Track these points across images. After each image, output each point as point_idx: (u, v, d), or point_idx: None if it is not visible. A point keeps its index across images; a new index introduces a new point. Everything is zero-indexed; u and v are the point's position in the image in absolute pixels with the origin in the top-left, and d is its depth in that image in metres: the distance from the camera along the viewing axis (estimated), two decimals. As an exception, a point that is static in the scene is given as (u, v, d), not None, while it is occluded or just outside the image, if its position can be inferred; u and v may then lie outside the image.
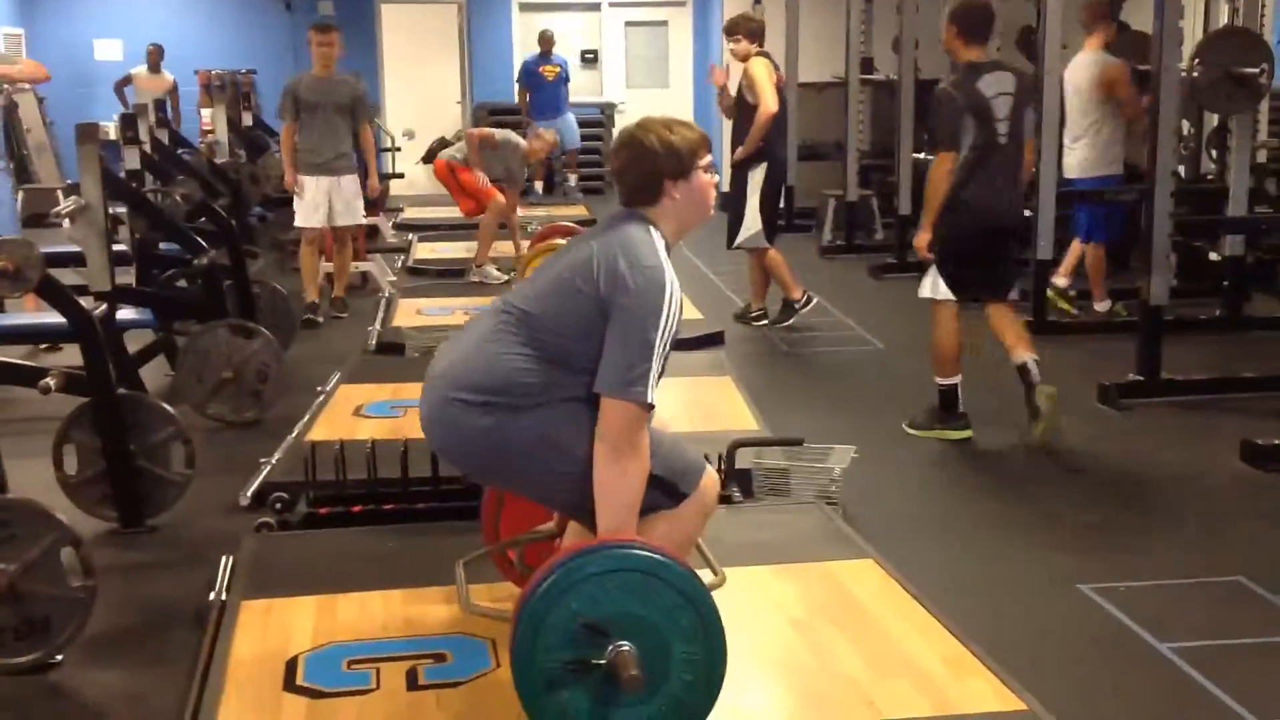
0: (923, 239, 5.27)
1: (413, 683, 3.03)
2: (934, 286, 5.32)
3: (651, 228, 2.85)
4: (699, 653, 2.56)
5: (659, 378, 2.70)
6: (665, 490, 2.82)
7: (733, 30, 7.23)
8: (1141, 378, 5.79)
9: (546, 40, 13.67)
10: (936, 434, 5.35)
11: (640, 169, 2.87)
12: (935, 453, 5.24)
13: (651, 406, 2.69)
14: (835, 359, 6.92)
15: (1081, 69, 7.18)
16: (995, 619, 3.57)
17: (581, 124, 14.69)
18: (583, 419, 2.74)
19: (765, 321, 7.45)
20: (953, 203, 5.14)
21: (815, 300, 7.45)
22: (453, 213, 10.25)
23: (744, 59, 7.13)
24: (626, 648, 2.51)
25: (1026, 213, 6.27)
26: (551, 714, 2.54)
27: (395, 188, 12.68)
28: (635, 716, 2.55)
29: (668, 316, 2.70)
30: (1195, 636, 3.46)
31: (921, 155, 10.39)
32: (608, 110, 15.20)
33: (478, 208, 8.88)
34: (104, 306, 4.40)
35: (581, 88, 15.13)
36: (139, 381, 5.40)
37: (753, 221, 7.14)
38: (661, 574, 2.56)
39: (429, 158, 9.66)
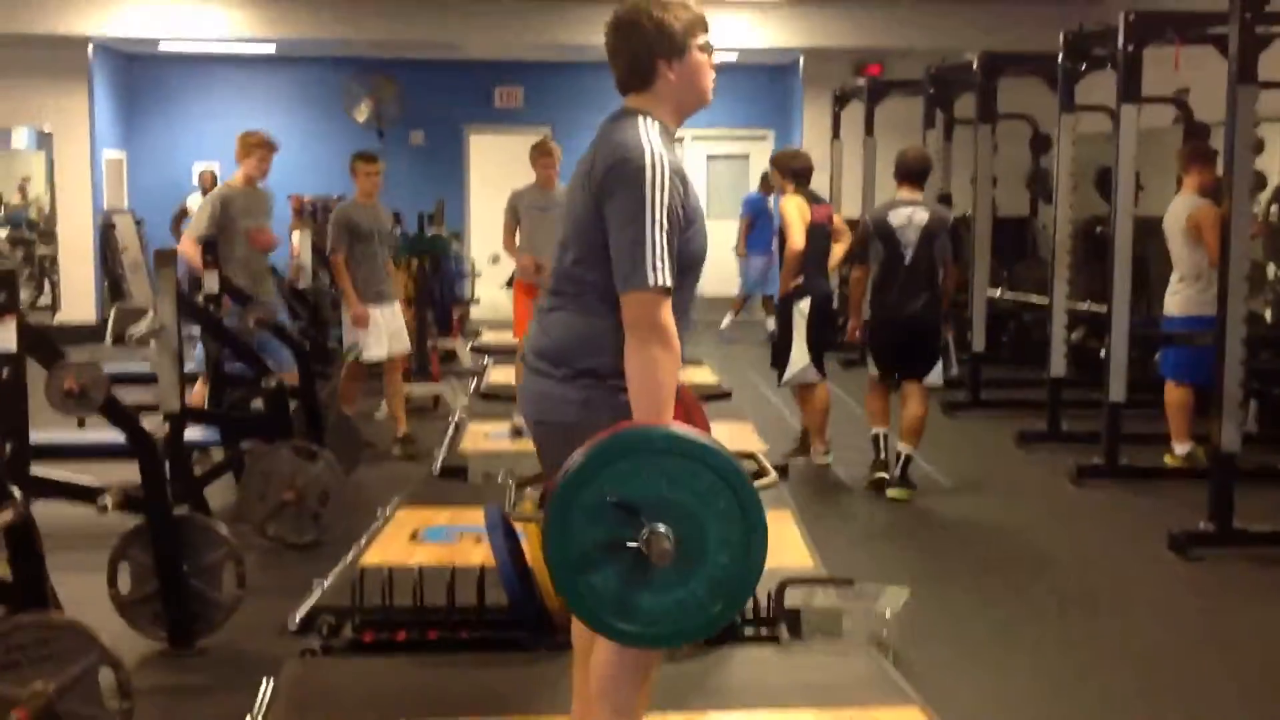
0: (851, 328, 7.15)
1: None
2: (869, 365, 7.03)
3: (644, 118, 2.71)
4: (736, 535, 2.47)
5: (665, 257, 2.55)
6: None
7: (772, 163, 7.43)
8: (1213, 527, 5.63)
9: None
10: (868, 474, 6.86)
11: (631, 49, 2.75)
12: (990, 597, 5.13)
13: (664, 289, 2.55)
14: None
15: (1176, 212, 7.10)
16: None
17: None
18: None
19: (828, 458, 7.36)
20: (871, 304, 6.80)
21: (831, 460, 7.32)
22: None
23: (781, 192, 7.22)
24: (661, 529, 2.43)
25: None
26: (586, 595, 2.47)
27: (475, 312, 12.86)
28: (672, 598, 2.47)
29: (654, 190, 2.56)
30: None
31: (998, 292, 10.39)
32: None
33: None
34: (166, 428, 4.47)
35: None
36: (203, 500, 5.48)
37: (800, 357, 7.07)
38: (696, 455, 2.46)
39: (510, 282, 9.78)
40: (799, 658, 4.06)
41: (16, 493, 3.38)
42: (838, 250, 7.26)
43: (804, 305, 7.05)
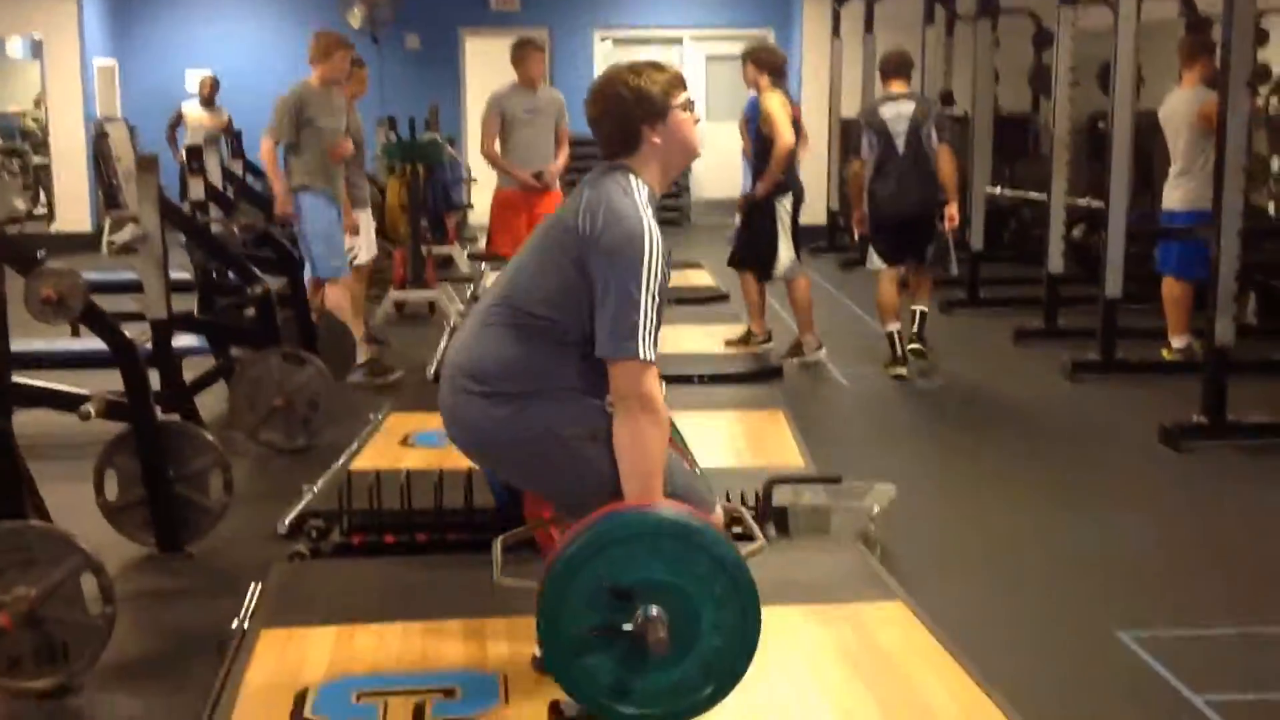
0: (856, 219, 7.31)
1: (419, 717, 2.99)
2: (871, 260, 7.31)
3: (632, 177, 2.77)
4: (730, 617, 2.53)
5: (654, 331, 2.63)
6: None
7: (750, 59, 7.10)
8: (1205, 420, 5.61)
9: None
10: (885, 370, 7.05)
11: (614, 119, 2.80)
12: (984, 491, 5.14)
13: (650, 362, 2.62)
14: (893, 393, 6.82)
15: (1180, 104, 6.97)
16: (1027, 666, 3.47)
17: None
18: (586, 417, 2.72)
19: (820, 352, 7.31)
20: (869, 197, 7.07)
21: (823, 355, 7.27)
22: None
23: (755, 89, 7.05)
24: (655, 612, 2.47)
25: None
26: (580, 679, 2.52)
27: (472, 218, 12.78)
28: (665, 680, 2.53)
29: (649, 266, 2.63)
30: (1235, 689, 3.34)
31: (998, 190, 10.30)
32: (688, 142, 15.22)
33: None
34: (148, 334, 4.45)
35: (661, 120, 15.19)
36: (193, 407, 5.46)
37: (787, 252, 7.08)
38: (690, 538, 2.52)
39: None
40: (784, 555, 4.05)
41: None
42: (802, 151, 7.26)
43: (787, 202, 7.05)
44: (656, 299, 2.63)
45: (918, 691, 3.13)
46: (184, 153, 6.73)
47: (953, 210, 7.03)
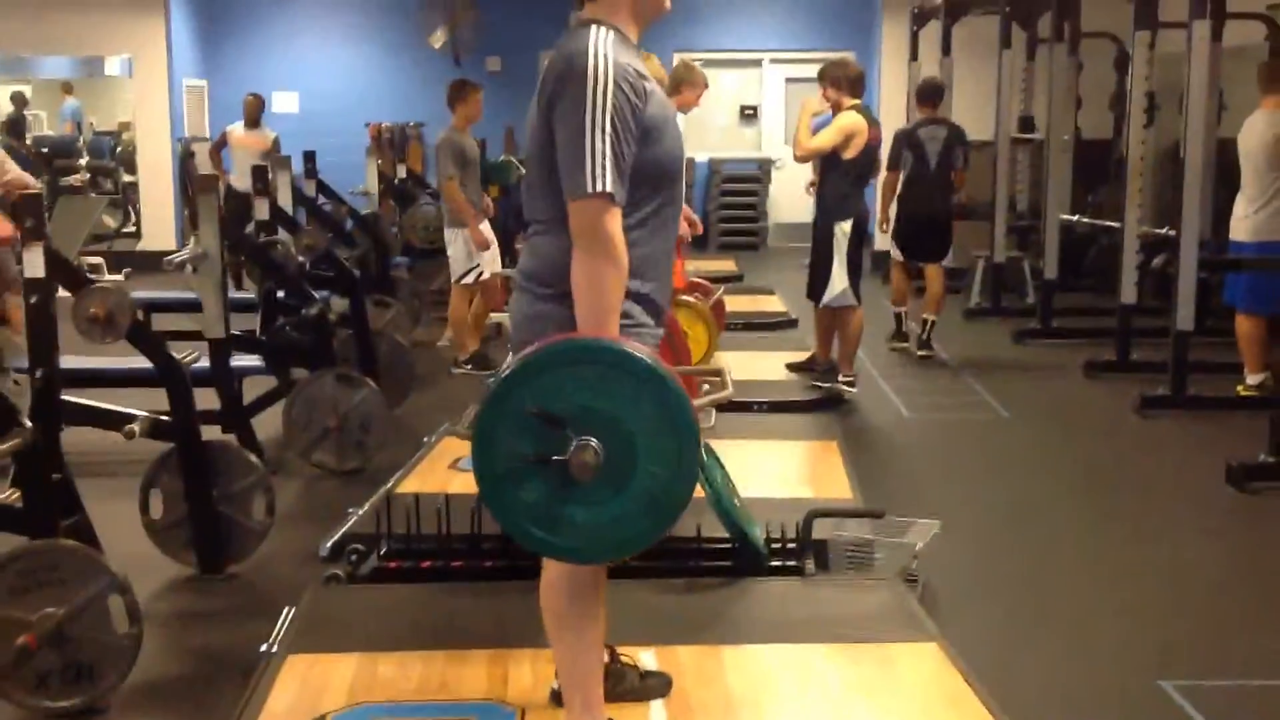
0: (880, 220, 8.82)
1: (433, 749, 2.98)
2: (892, 251, 8.74)
3: (597, 27, 2.58)
4: (666, 443, 2.38)
5: (610, 165, 2.46)
6: None
7: (820, 78, 7.06)
8: (1273, 459, 5.44)
9: None
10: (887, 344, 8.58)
11: None
12: (1038, 528, 5.02)
13: (605, 194, 2.46)
14: (956, 426, 6.70)
15: (1258, 130, 6.80)
16: (1061, 713, 3.37)
17: (739, 179, 14.76)
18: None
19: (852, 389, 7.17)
20: (899, 202, 8.45)
21: (857, 389, 7.11)
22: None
23: (835, 109, 6.98)
24: (589, 442, 2.35)
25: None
26: (513, 508, 2.40)
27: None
28: (606, 512, 2.40)
29: (597, 97, 2.45)
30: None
31: (1075, 217, 10.12)
32: (765, 166, 15.17)
33: None
34: (193, 354, 4.49)
35: (740, 142, 15.16)
36: (249, 427, 5.52)
37: (840, 279, 6.90)
38: (616, 362, 2.38)
39: None
40: (821, 590, 3.99)
41: (25, 420, 3.41)
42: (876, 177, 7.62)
43: (846, 225, 6.89)
44: (610, 130, 2.45)
45: (942, 737, 3.05)
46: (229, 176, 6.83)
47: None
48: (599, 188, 2.44)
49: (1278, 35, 8.89)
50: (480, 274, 7.81)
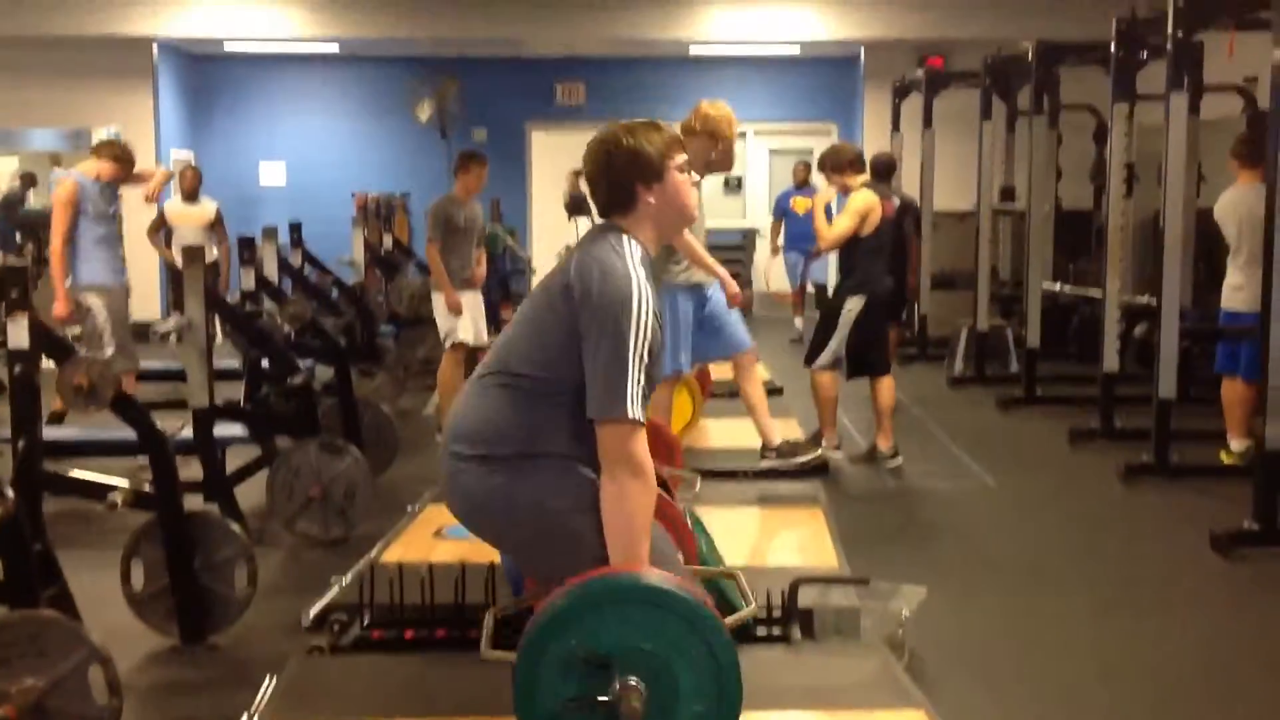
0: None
1: (415, 822, 2.94)
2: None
3: (624, 237, 2.76)
4: (708, 682, 2.45)
5: (642, 391, 2.61)
6: None
7: (820, 168, 7.20)
8: (1257, 526, 5.45)
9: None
10: None
11: (609, 178, 2.81)
12: (1024, 596, 5.01)
13: (637, 421, 2.59)
14: (940, 494, 6.70)
15: (1247, 200, 6.85)
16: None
17: (724, 249, 14.75)
18: (579, 491, 2.69)
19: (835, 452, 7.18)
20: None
21: (839, 455, 7.13)
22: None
23: (844, 191, 7.05)
24: (633, 682, 2.39)
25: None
26: None
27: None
28: None
29: (638, 326, 2.61)
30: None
31: (1058, 286, 10.20)
32: (749, 236, 15.28)
33: None
34: (182, 426, 4.49)
35: (723, 211, 15.28)
36: (232, 496, 5.50)
37: (838, 348, 6.95)
38: (665, 603, 2.44)
39: None
40: (806, 658, 3.97)
41: (7, 490, 3.39)
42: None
43: (856, 302, 6.93)
44: (646, 358, 2.60)
45: (929, 807, 3.03)
46: (177, 254, 6.91)
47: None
48: (634, 414, 2.58)
49: (1255, 108, 9.01)
50: (455, 339, 7.77)
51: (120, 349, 6.85)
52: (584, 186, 8.25)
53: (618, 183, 2.80)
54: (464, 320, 7.75)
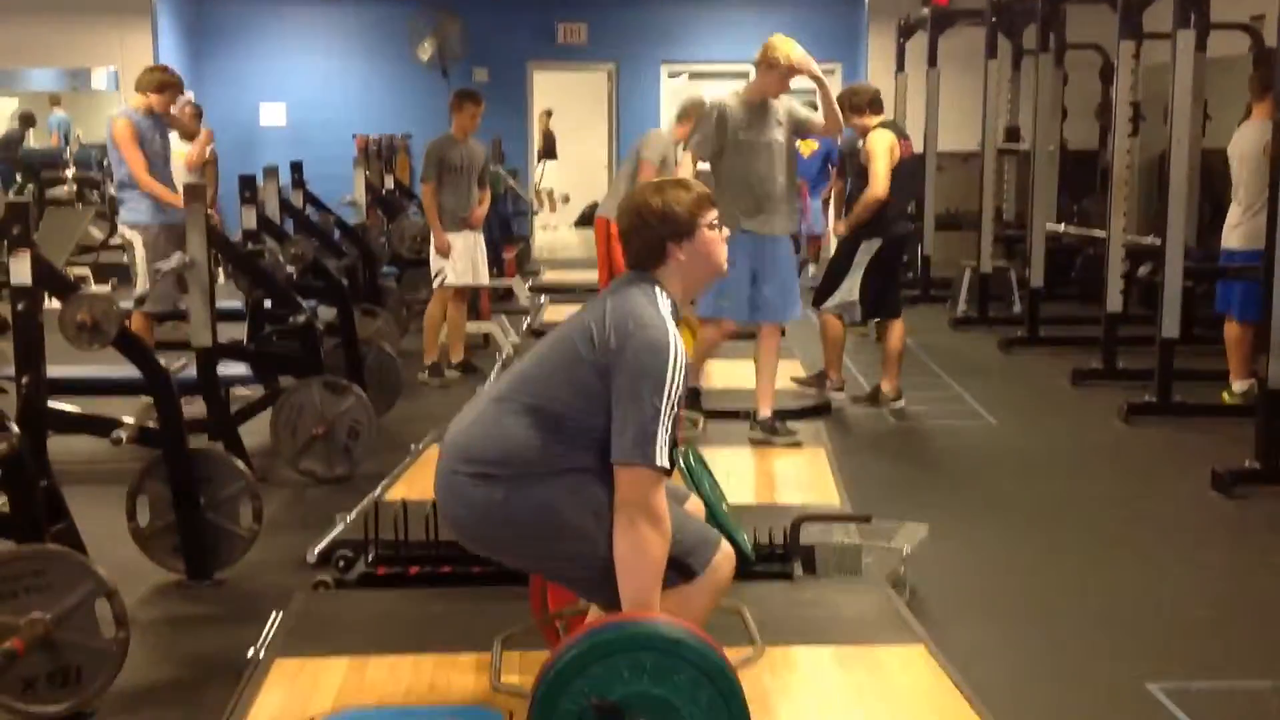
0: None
1: (420, 751, 2.98)
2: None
3: (656, 288, 2.82)
4: None
5: (669, 441, 2.65)
6: (674, 567, 2.74)
7: (840, 109, 6.95)
8: (1259, 465, 5.46)
9: None
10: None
11: (641, 237, 2.87)
12: (1025, 534, 5.03)
13: (665, 470, 2.64)
14: (942, 433, 6.70)
15: (1251, 137, 6.82)
16: (1049, 714, 3.38)
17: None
18: (586, 494, 2.71)
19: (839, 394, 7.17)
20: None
21: (836, 397, 7.10)
22: (590, 277, 10.30)
23: (862, 133, 6.98)
24: None
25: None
26: None
27: (541, 250, 12.83)
28: None
29: (672, 377, 2.67)
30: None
31: (1061, 227, 10.16)
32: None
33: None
34: (182, 362, 4.49)
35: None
36: (236, 435, 5.51)
37: (848, 292, 6.89)
38: (675, 651, 2.48)
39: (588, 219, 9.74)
40: (807, 594, 4.00)
41: (12, 425, 3.40)
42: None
43: (873, 244, 6.85)
44: (675, 411, 2.66)
45: (930, 738, 3.06)
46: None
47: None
48: (660, 463, 2.62)
49: (1262, 46, 8.94)
50: (444, 279, 7.75)
51: (155, 290, 6.73)
52: (552, 128, 8.34)
53: (649, 241, 2.86)
54: (457, 262, 7.70)
